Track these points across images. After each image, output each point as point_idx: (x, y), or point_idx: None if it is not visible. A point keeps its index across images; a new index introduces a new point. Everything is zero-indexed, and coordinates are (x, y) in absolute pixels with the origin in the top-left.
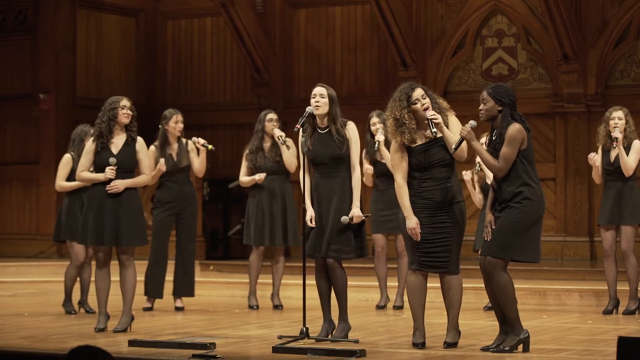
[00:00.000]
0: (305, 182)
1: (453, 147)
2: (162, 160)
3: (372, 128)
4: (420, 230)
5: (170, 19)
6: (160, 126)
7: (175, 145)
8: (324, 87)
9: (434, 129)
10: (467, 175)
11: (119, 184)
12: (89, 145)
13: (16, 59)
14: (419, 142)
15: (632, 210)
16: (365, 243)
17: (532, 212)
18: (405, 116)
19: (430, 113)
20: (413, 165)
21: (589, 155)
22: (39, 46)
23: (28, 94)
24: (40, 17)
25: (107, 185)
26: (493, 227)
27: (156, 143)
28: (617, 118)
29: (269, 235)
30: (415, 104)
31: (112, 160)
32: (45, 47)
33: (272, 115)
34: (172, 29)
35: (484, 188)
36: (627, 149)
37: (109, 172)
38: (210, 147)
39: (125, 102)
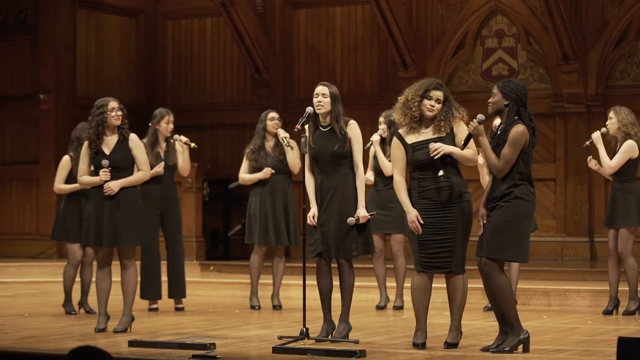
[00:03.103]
0: (308, 181)
1: (461, 144)
2: (162, 164)
3: (379, 126)
4: (420, 224)
5: (170, 19)
6: (150, 124)
7: (163, 145)
8: (326, 86)
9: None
10: (481, 159)
11: (112, 186)
12: (84, 149)
13: (16, 59)
14: (419, 138)
15: (627, 213)
16: (371, 239)
17: (521, 211)
18: (415, 102)
19: (432, 149)
20: (413, 164)
21: (589, 162)
22: (39, 46)
23: (28, 94)
24: (40, 17)
25: (103, 188)
26: (485, 221)
27: (144, 141)
28: (609, 118)
29: (274, 234)
30: (429, 99)
31: (105, 162)
32: (45, 47)
33: (273, 114)
34: (172, 29)
35: None
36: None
37: (102, 174)
38: (192, 144)
39: (113, 104)
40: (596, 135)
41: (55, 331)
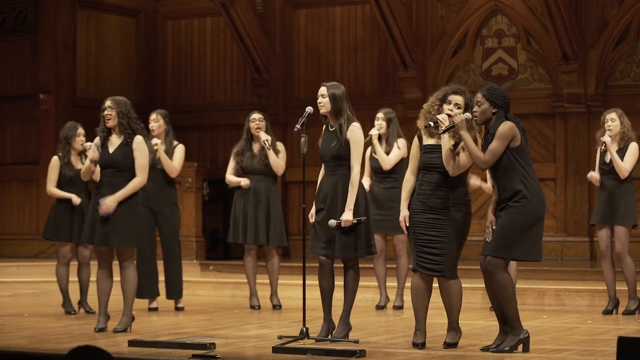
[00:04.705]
0: (319, 179)
1: (442, 129)
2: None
3: (375, 122)
4: (408, 225)
5: (170, 19)
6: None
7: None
8: (325, 86)
9: (441, 129)
10: (473, 181)
11: (108, 203)
12: (95, 144)
13: (16, 59)
14: (432, 141)
15: (624, 211)
16: (371, 242)
17: (531, 212)
18: (435, 107)
19: (441, 116)
20: (422, 165)
21: (588, 176)
22: (39, 46)
23: (28, 94)
24: (40, 17)
25: (99, 208)
26: (494, 227)
27: None
28: (610, 120)
29: (254, 233)
30: (448, 103)
31: (95, 155)
32: (45, 47)
33: (255, 115)
34: (172, 29)
35: None
36: (625, 149)
37: (91, 153)
38: (155, 146)
39: (105, 103)
40: (609, 140)
41: (55, 331)
